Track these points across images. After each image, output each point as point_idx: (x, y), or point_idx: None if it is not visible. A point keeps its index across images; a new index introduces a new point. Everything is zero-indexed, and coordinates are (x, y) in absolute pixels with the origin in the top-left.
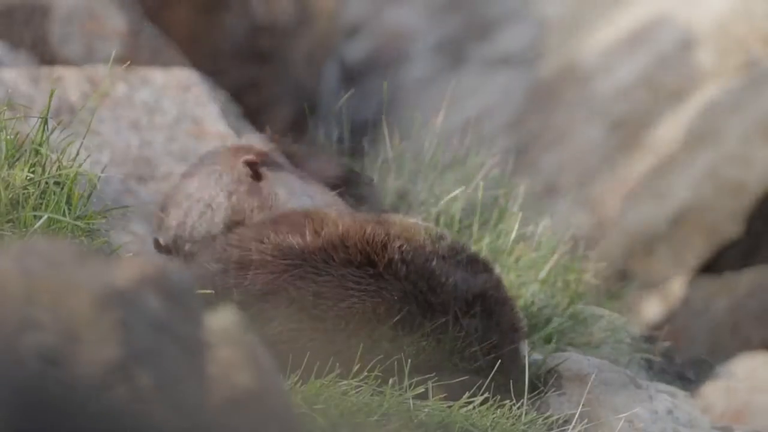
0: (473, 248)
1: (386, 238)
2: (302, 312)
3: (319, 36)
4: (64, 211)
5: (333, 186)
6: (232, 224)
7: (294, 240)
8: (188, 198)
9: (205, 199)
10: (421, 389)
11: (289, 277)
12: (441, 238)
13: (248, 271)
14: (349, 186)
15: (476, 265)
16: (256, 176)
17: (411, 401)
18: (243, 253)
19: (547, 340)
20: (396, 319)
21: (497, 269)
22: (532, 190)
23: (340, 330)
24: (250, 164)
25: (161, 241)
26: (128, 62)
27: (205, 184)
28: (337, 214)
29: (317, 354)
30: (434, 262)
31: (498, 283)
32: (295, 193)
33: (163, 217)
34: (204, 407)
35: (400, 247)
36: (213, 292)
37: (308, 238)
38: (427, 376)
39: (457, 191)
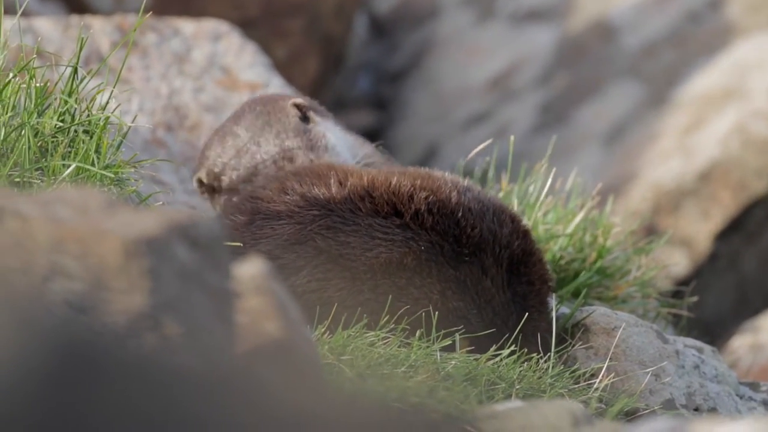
0: (501, 200)
1: (412, 189)
2: (329, 262)
3: None
4: (93, 159)
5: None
6: (281, 161)
7: (319, 191)
8: (234, 136)
9: (253, 137)
10: (448, 341)
11: (316, 226)
12: (468, 190)
13: (275, 221)
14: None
15: (503, 216)
16: (305, 119)
17: (438, 353)
18: (268, 204)
19: (575, 294)
20: (423, 268)
21: (525, 222)
22: (560, 144)
23: (367, 279)
24: (299, 107)
25: (204, 179)
26: (158, 12)
27: (252, 124)
28: (360, 167)
29: (344, 304)
30: (460, 213)
31: (526, 235)
32: (340, 138)
33: (208, 155)
34: (232, 356)
35: (426, 198)
36: (240, 243)
37: (333, 188)
38: (454, 328)
39: (484, 144)
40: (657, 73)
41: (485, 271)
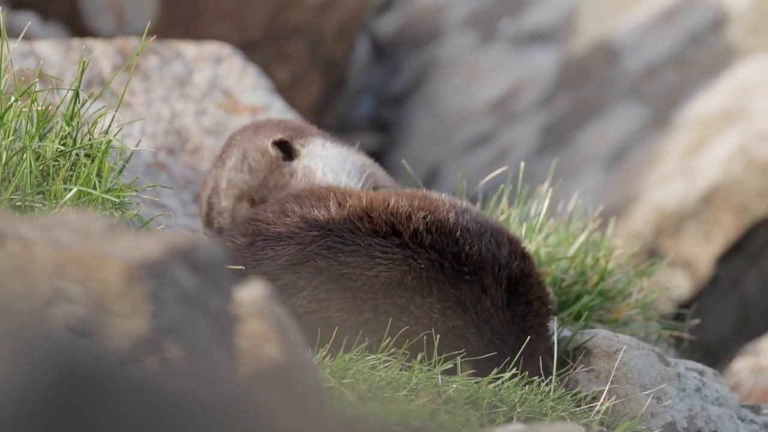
0: (500, 222)
1: (410, 209)
2: (330, 282)
3: (350, 10)
4: (94, 183)
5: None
6: (248, 202)
7: (319, 212)
8: (216, 179)
9: (234, 182)
10: (449, 365)
11: (316, 247)
12: (466, 211)
13: (275, 242)
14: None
15: (501, 237)
16: (289, 155)
17: (439, 377)
18: (268, 226)
19: (576, 316)
20: (424, 287)
21: (525, 243)
22: (562, 167)
23: (368, 299)
24: (280, 144)
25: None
26: (160, 35)
27: (234, 167)
28: (359, 189)
29: (345, 323)
30: (458, 233)
31: (525, 257)
32: (332, 164)
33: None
34: (233, 380)
35: (424, 217)
36: (241, 266)
37: (333, 209)
38: (455, 351)
39: (499, 171)
40: (659, 95)
41: (485, 291)
